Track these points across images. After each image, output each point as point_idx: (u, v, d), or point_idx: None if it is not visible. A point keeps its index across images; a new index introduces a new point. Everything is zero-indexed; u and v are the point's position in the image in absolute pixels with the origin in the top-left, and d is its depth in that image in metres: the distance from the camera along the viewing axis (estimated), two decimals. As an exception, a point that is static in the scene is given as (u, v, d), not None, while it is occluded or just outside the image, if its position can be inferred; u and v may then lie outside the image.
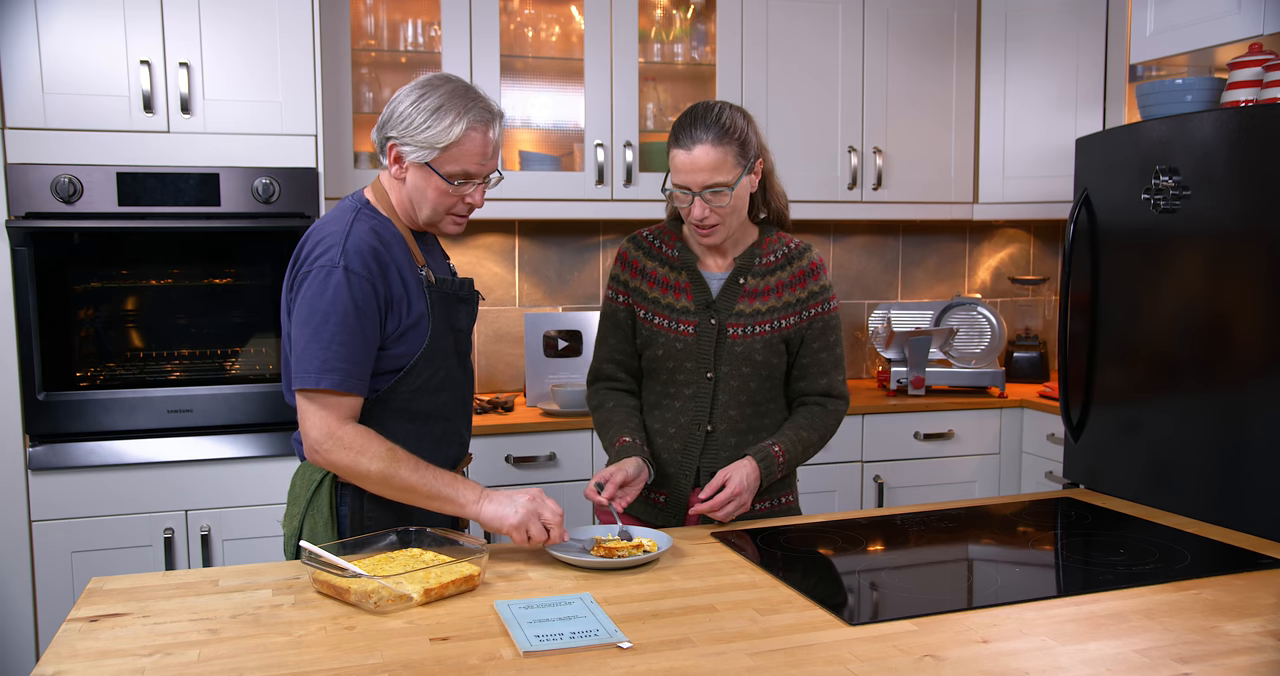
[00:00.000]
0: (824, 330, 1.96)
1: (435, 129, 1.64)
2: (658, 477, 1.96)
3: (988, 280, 4.01)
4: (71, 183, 2.54)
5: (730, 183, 1.81)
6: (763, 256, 1.95)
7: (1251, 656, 1.27)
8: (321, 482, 1.72)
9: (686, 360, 1.92)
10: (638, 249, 2.01)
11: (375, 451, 1.62)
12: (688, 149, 1.81)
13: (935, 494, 3.28)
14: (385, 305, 1.67)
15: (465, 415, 1.88)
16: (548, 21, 3.32)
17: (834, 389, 1.97)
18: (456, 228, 1.78)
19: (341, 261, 1.62)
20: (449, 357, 1.78)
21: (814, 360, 1.96)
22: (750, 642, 1.32)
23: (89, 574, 2.51)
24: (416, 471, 1.64)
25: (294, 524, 1.75)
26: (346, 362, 1.62)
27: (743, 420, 1.94)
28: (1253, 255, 2.16)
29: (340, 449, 1.63)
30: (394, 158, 1.70)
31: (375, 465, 1.62)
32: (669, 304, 1.95)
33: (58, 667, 1.25)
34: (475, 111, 1.67)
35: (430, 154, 1.66)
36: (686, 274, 1.95)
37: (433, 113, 1.65)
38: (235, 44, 2.67)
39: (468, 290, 1.84)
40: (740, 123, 1.85)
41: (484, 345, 3.48)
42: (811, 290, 1.95)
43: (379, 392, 1.71)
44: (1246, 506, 2.15)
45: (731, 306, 1.92)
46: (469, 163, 1.68)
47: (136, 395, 2.65)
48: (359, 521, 1.73)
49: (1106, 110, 3.28)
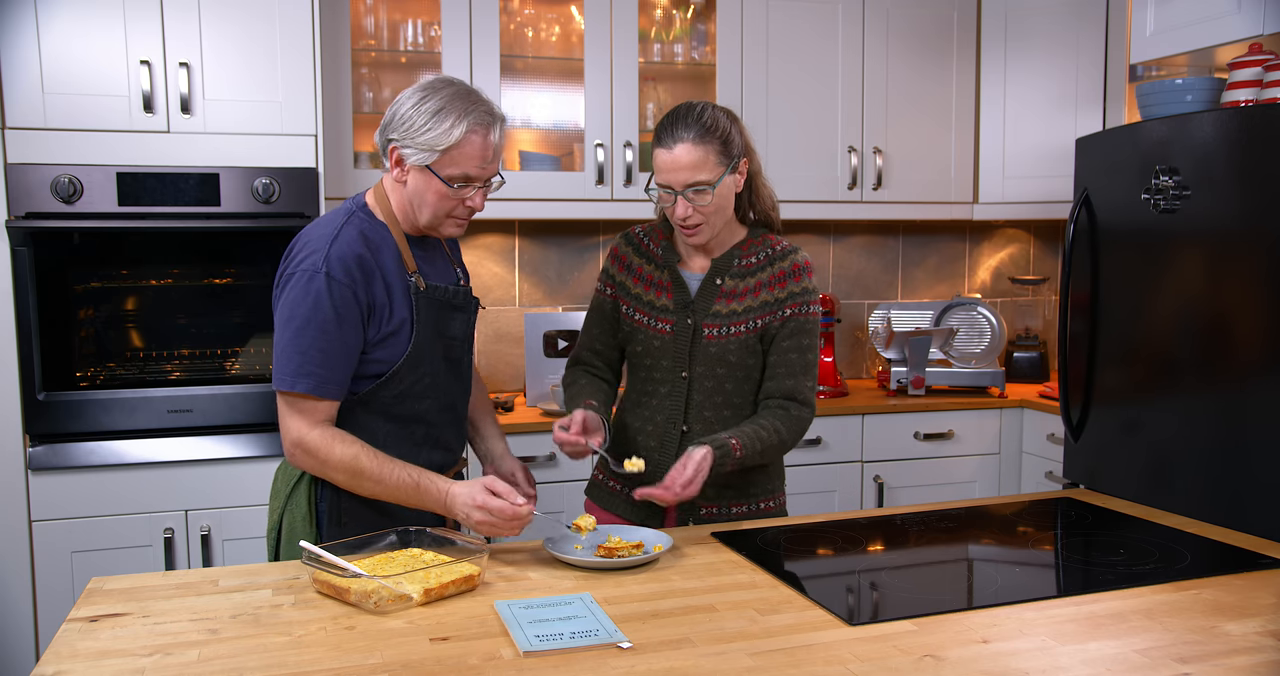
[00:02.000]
0: (796, 331, 1.91)
1: (436, 131, 1.65)
2: (636, 478, 1.91)
3: (988, 280, 4.01)
4: (71, 183, 2.54)
5: (712, 181, 1.81)
6: (743, 257, 1.94)
7: (1251, 656, 1.27)
8: (301, 478, 1.75)
9: (663, 358, 1.93)
10: (628, 245, 2.03)
11: (339, 460, 1.65)
12: (669, 148, 1.81)
13: (935, 494, 3.28)
14: (367, 311, 1.68)
15: (453, 421, 1.87)
16: (548, 21, 3.32)
17: (799, 393, 1.91)
18: (457, 229, 1.78)
19: (324, 267, 1.63)
20: (434, 364, 1.78)
21: (782, 359, 1.91)
22: (750, 642, 1.32)
23: (89, 574, 2.51)
24: (381, 483, 1.65)
25: (274, 518, 1.78)
26: (323, 368, 1.64)
27: (718, 422, 1.92)
28: (1253, 255, 2.16)
29: (306, 455, 1.67)
30: (395, 160, 1.70)
31: (339, 476, 1.67)
32: (650, 301, 1.96)
33: (58, 667, 1.25)
34: (476, 114, 1.67)
35: (431, 156, 1.66)
36: (668, 273, 1.96)
37: (433, 115, 1.65)
38: (235, 44, 2.67)
39: (463, 298, 1.82)
40: (723, 122, 1.85)
41: (484, 345, 3.48)
42: (791, 290, 1.92)
43: (359, 394, 1.72)
44: (1247, 506, 2.15)
45: (708, 307, 1.92)
46: (469, 165, 1.68)
47: (136, 395, 2.65)
48: (336, 517, 1.74)
49: (1106, 110, 3.28)
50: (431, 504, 1.66)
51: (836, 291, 3.82)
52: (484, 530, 1.64)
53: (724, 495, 1.94)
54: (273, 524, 1.79)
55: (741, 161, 1.88)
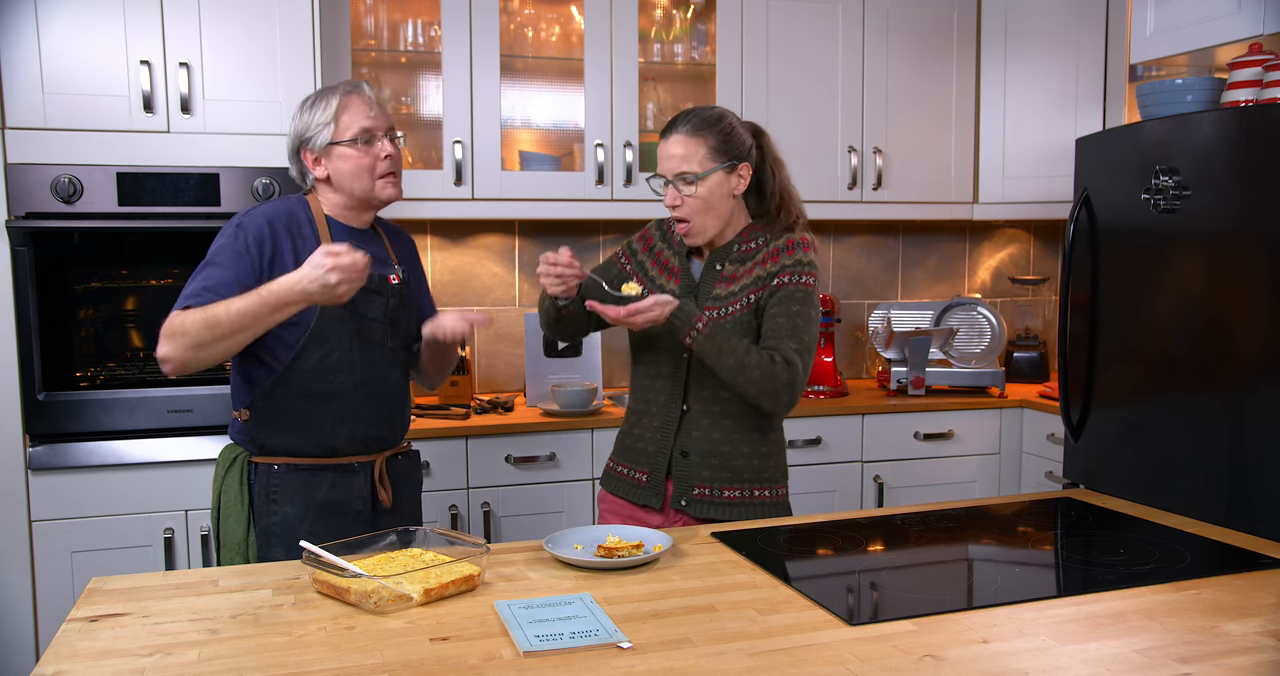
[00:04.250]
0: (785, 299, 1.92)
1: (319, 111, 1.93)
2: (639, 457, 2.05)
3: (988, 280, 4.01)
4: (71, 183, 2.54)
5: (698, 173, 1.90)
6: (742, 244, 2.01)
7: (1251, 656, 1.27)
8: (235, 460, 1.95)
9: (666, 339, 1.98)
10: (657, 229, 2.14)
11: (190, 323, 1.71)
12: (666, 137, 1.95)
13: (935, 494, 3.29)
14: (272, 266, 1.85)
15: (377, 398, 1.98)
16: (548, 21, 3.32)
17: (780, 349, 1.88)
18: (394, 188, 1.98)
19: (239, 220, 1.90)
20: (343, 341, 1.93)
21: (770, 325, 1.91)
22: (750, 642, 1.32)
23: (89, 574, 2.51)
24: (238, 313, 1.70)
25: (214, 498, 1.97)
26: (211, 295, 1.76)
27: (715, 401, 1.98)
28: (1253, 255, 2.16)
29: (166, 338, 1.73)
30: (312, 160, 1.95)
31: (204, 335, 1.70)
32: (661, 284, 2.06)
33: (58, 667, 1.25)
34: (343, 86, 1.97)
35: (329, 129, 1.92)
36: (680, 260, 2.06)
37: (312, 105, 1.95)
38: (235, 44, 2.67)
39: (377, 282, 1.97)
40: (730, 122, 1.95)
41: (484, 345, 3.48)
42: (784, 263, 1.95)
43: (279, 373, 1.90)
44: (1247, 506, 2.15)
45: (710, 291, 2.00)
46: (361, 119, 1.93)
47: (136, 395, 2.65)
48: (266, 494, 1.92)
49: (1106, 110, 3.28)
50: (288, 295, 1.69)
51: (836, 291, 3.82)
52: (335, 274, 1.65)
53: (719, 477, 1.98)
54: (213, 503, 1.97)
55: (742, 165, 1.95)
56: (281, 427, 1.92)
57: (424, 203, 3.05)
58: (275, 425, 1.92)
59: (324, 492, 1.92)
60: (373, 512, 1.98)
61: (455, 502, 2.85)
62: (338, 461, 1.95)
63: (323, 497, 1.92)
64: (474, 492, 2.88)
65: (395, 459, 2.05)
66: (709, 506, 1.98)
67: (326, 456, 1.94)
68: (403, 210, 3.00)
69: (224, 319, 1.69)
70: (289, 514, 1.91)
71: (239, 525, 1.93)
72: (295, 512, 1.91)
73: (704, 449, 1.98)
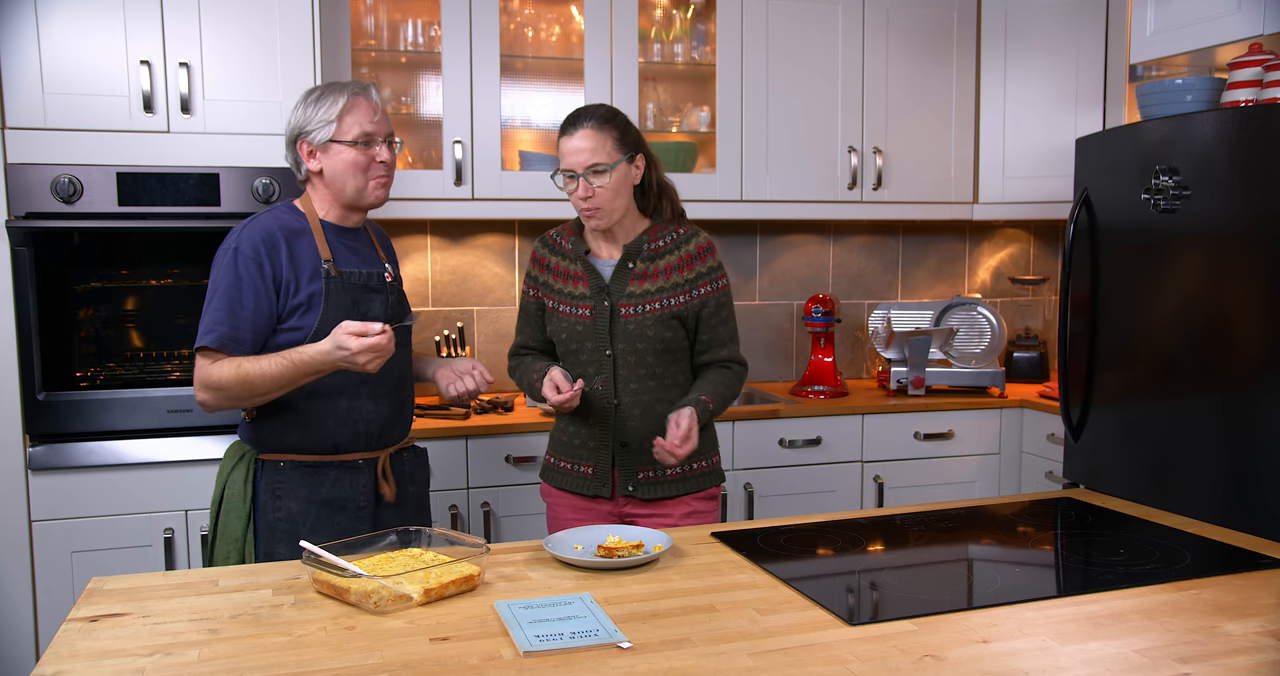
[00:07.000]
0: (718, 307, 2.15)
1: (325, 108, 1.95)
2: (580, 453, 2.15)
3: (988, 280, 4.01)
4: (71, 183, 2.54)
5: (608, 164, 2.03)
6: (650, 242, 2.13)
7: (1251, 656, 1.27)
8: (243, 456, 1.97)
9: (586, 340, 2.11)
10: (544, 246, 2.24)
11: (223, 377, 1.83)
12: (571, 135, 2.05)
13: (935, 494, 3.28)
14: (275, 281, 1.90)
15: (382, 396, 2.01)
16: (548, 21, 3.32)
17: (735, 357, 2.19)
18: (383, 191, 2.00)
19: (234, 244, 1.91)
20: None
21: (713, 336, 2.16)
22: (750, 642, 1.32)
23: (89, 574, 2.51)
24: (268, 375, 1.82)
25: (217, 492, 1.99)
26: (226, 326, 1.85)
27: (645, 392, 2.11)
28: (1252, 255, 2.16)
29: (203, 389, 1.86)
30: (308, 153, 1.97)
31: (237, 390, 1.83)
32: (569, 292, 2.15)
33: (58, 667, 1.25)
34: (351, 87, 1.98)
35: (331, 127, 1.94)
36: (581, 263, 2.15)
37: (318, 100, 1.96)
38: (235, 44, 2.67)
39: (377, 281, 2.01)
40: (624, 117, 2.10)
41: (484, 345, 3.48)
42: (699, 271, 2.13)
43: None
44: (1247, 506, 2.15)
45: (623, 289, 2.10)
46: (364, 122, 1.95)
47: (136, 395, 2.65)
48: (271, 489, 1.94)
49: (1106, 110, 3.28)
50: (320, 365, 1.80)
51: (836, 291, 3.82)
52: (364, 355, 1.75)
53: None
54: (215, 496, 1.99)
55: (639, 156, 2.09)
56: (286, 425, 1.95)
57: (424, 203, 3.05)
58: (280, 423, 1.95)
59: (328, 489, 1.95)
60: (376, 508, 2.00)
61: (455, 502, 2.85)
62: (342, 458, 1.97)
63: (327, 494, 1.95)
64: (474, 492, 2.88)
65: (400, 455, 2.08)
66: (655, 487, 2.12)
67: (330, 453, 1.96)
68: (403, 210, 3.00)
69: (258, 382, 1.82)
70: (294, 510, 1.93)
71: (239, 521, 1.94)
72: (300, 509, 1.93)
73: (641, 437, 2.10)
